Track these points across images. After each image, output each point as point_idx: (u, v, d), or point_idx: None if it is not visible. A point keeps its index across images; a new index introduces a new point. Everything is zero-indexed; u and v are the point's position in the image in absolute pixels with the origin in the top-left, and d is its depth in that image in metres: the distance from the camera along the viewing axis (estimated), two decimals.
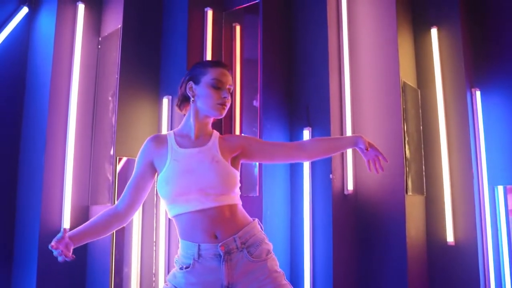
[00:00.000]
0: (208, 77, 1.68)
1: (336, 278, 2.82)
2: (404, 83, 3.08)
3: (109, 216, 1.61)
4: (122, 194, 1.64)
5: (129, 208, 1.63)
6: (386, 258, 2.94)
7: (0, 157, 3.15)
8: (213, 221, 1.54)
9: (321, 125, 3.03)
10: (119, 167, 2.97)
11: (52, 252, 2.91)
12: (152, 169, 1.65)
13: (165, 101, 3.11)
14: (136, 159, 1.67)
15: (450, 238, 3.03)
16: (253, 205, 3.06)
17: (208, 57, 3.19)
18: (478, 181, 3.08)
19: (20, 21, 3.26)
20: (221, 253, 1.51)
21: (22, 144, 3.20)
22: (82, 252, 3.02)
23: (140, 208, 3.08)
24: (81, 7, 3.18)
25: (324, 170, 2.99)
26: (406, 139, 3.02)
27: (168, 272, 2.99)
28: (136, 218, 3.05)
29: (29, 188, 3.03)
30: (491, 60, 3.23)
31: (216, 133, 1.74)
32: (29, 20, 3.30)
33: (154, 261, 3.06)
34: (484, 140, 3.14)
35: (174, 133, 1.71)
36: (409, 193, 2.97)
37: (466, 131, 3.09)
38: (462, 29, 3.15)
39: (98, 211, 3.02)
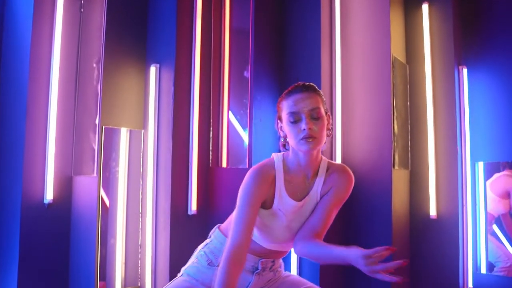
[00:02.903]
0: (284, 113, 1.53)
1: None
2: (395, 58, 3.08)
3: (240, 266, 1.46)
4: (238, 230, 1.47)
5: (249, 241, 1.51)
6: (371, 231, 3.00)
7: None
8: (270, 256, 1.64)
9: None
10: (104, 137, 2.88)
11: (33, 222, 2.80)
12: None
13: (153, 69, 3.01)
14: (249, 194, 1.51)
15: (433, 212, 3.12)
16: (242, 176, 3.03)
17: (198, 24, 3.07)
18: (461, 157, 3.16)
19: None
20: (259, 267, 1.60)
21: (0, 113, 3.05)
22: (65, 224, 2.94)
23: (125, 179, 3.02)
24: None
25: None
26: (395, 114, 3.05)
27: (156, 243, 2.97)
28: (122, 189, 2.99)
29: (10, 159, 2.90)
30: (479, 38, 3.26)
31: (323, 167, 1.57)
32: None
33: (140, 232, 3.02)
34: (469, 117, 3.21)
35: (283, 168, 1.54)
36: (396, 167, 3.02)
37: (453, 108, 3.14)
38: (453, 6, 3.16)
39: (82, 182, 2.94)
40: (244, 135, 3.17)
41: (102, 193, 2.86)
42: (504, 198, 3.16)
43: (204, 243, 1.69)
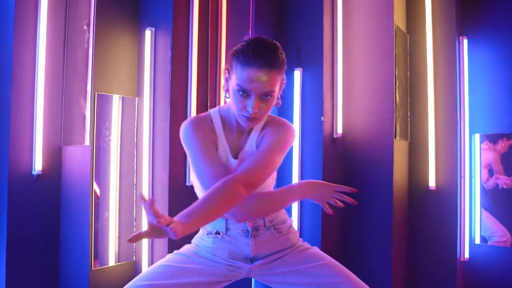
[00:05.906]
0: (235, 77, 1.34)
1: (324, 219, 2.83)
2: (397, 26, 3.02)
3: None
4: (206, 180, 1.43)
5: None
6: (372, 202, 2.97)
7: None
8: None
9: (313, 66, 2.93)
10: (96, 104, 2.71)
11: (21, 194, 2.61)
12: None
13: (148, 33, 2.84)
14: (195, 142, 1.44)
15: (432, 183, 3.11)
16: None
17: None
18: (460, 128, 3.15)
19: None
20: (249, 229, 1.51)
21: None
22: (55, 196, 2.78)
23: (118, 149, 2.87)
24: None
25: (315, 113, 2.92)
26: (397, 84, 3.00)
27: None
28: (114, 159, 2.84)
29: None
30: (480, 9, 3.23)
31: (261, 123, 1.48)
32: None
33: (135, 204, 2.89)
34: (468, 88, 3.19)
35: (221, 122, 1.47)
36: (397, 138, 2.99)
37: (453, 79, 3.12)
38: None
39: (72, 151, 2.78)
40: None
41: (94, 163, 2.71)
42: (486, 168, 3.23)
43: None
